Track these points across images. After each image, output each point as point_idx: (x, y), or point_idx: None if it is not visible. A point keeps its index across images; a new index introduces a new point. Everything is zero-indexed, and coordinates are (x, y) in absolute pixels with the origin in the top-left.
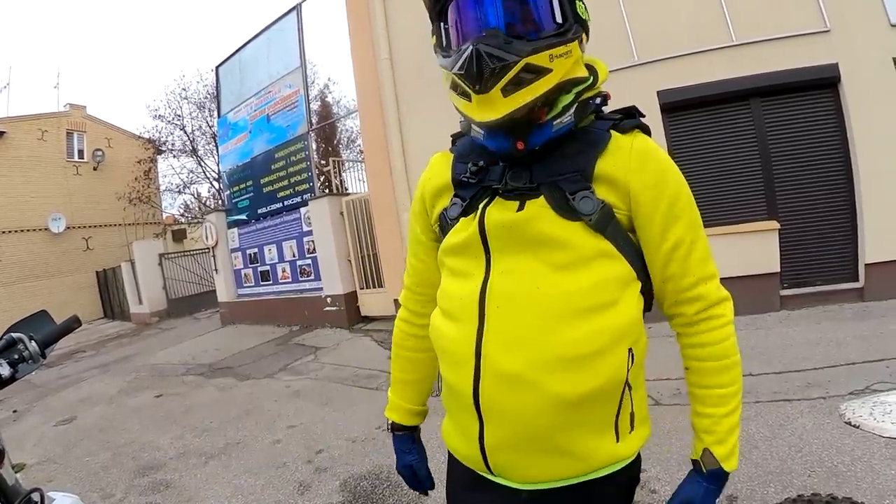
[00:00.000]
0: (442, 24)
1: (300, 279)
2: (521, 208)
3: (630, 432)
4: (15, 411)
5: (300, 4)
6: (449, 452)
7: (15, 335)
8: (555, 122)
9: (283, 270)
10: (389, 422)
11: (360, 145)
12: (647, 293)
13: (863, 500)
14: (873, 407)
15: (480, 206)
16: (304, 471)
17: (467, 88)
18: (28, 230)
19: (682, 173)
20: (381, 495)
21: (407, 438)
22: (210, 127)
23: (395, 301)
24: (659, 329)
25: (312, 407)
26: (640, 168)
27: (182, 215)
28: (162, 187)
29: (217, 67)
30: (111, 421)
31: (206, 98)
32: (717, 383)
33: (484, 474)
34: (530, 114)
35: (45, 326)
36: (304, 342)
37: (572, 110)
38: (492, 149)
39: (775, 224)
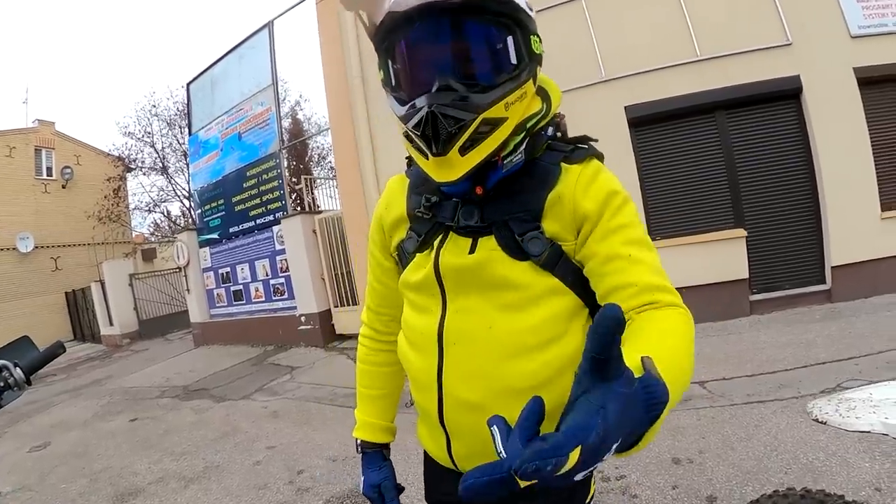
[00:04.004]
0: (390, 61)
1: (274, 298)
2: (473, 248)
3: None
4: None
5: (272, 22)
6: (426, 456)
7: (1, 361)
8: (505, 162)
9: (257, 290)
10: (358, 441)
11: (331, 162)
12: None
13: (836, 492)
14: (839, 404)
15: (435, 243)
16: (286, 492)
17: (424, 148)
18: None
19: (650, 186)
20: None
21: (377, 456)
22: (181, 144)
23: None
24: None
25: (291, 427)
26: (585, 188)
27: (152, 234)
28: (132, 206)
29: (188, 84)
30: (86, 446)
31: (176, 115)
32: (668, 343)
33: (449, 466)
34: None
35: (28, 352)
36: (280, 362)
37: (523, 147)
38: (447, 192)
39: (742, 232)
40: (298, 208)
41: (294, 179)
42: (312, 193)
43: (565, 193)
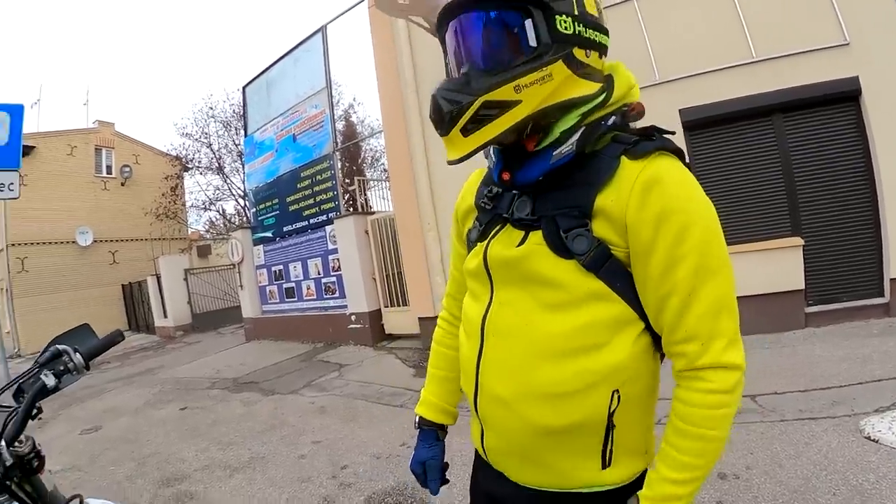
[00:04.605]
0: (444, 57)
1: (325, 296)
2: (523, 240)
3: (620, 461)
4: (40, 419)
5: (325, 26)
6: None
7: (60, 347)
8: (554, 153)
9: (308, 288)
10: (417, 418)
11: (384, 164)
12: None
13: None
14: (892, 422)
15: (491, 233)
16: (329, 486)
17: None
18: (56, 243)
19: (705, 192)
20: None
21: (431, 434)
22: (236, 145)
23: (420, 319)
24: None
25: (337, 423)
26: (639, 202)
27: (207, 231)
28: (188, 203)
29: (244, 87)
30: (137, 432)
31: (232, 117)
32: (677, 445)
33: (487, 460)
34: (519, 142)
35: (87, 339)
36: (329, 359)
37: (576, 136)
38: (493, 177)
39: (799, 240)
40: (351, 209)
41: (347, 180)
42: (365, 195)
43: (618, 199)
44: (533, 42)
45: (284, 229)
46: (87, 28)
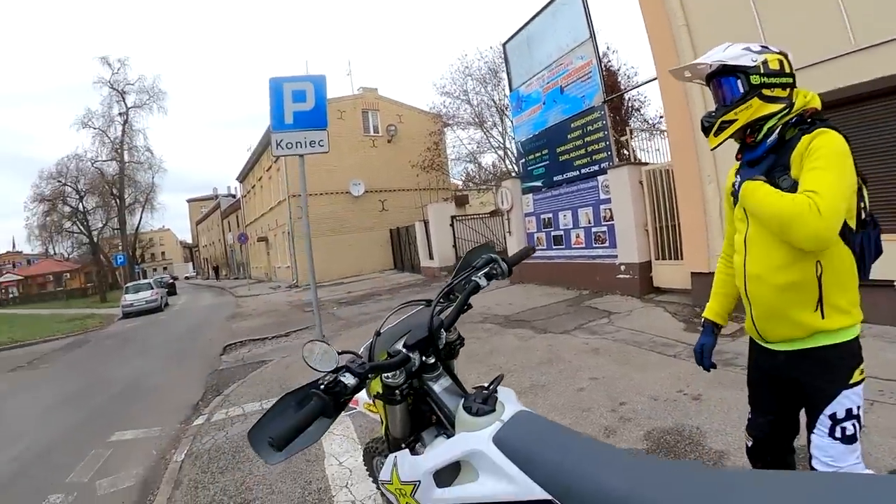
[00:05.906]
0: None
1: (594, 245)
2: None
3: (830, 313)
4: (324, 335)
5: None
6: (750, 338)
7: (492, 255)
8: (768, 141)
9: (577, 236)
10: (703, 319)
11: (644, 115)
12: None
13: None
14: None
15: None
16: (609, 418)
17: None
18: (332, 193)
19: None
20: (683, 450)
21: (710, 328)
22: (494, 101)
23: (692, 274)
24: None
25: (612, 364)
26: (806, 150)
27: (465, 182)
28: (451, 156)
29: (504, 44)
30: None
31: (487, 73)
32: (779, 192)
33: (759, 342)
34: (743, 137)
35: (491, 252)
36: (596, 306)
37: (777, 131)
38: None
39: None
40: (617, 159)
41: (615, 131)
42: (631, 145)
43: (799, 154)
44: (741, 90)
45: (554, 179)
46: (344, 6)
